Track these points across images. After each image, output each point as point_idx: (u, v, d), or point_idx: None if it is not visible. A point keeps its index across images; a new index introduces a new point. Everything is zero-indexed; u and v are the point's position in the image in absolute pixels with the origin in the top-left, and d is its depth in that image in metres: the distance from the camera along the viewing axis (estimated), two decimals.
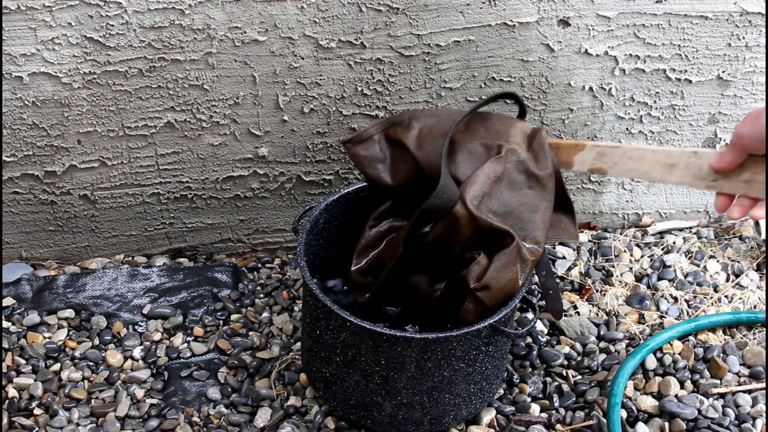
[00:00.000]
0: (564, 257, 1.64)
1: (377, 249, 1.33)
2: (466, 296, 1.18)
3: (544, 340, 1.47)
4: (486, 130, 1.26)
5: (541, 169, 1.24)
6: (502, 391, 1.38)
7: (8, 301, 1.49)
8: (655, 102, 1.54)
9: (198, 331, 1.47)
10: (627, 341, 1.46)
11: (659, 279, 1.59)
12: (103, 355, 1.42)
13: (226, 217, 1.60)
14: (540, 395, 1.38)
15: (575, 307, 1.53)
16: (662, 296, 1.55)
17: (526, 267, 1.18)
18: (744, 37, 1.48)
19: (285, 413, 1.32)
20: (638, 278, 1.60)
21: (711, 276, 1.60)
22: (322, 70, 1.41)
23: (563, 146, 1.27)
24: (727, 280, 1.60)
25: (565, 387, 1.38)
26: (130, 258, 1.62)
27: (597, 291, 1.56)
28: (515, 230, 1.18)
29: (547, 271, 1.25)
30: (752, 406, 1.33)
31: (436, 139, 1.26)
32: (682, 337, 1.45)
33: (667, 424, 1.30)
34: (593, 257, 1.65)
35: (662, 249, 1.66)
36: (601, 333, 1.48)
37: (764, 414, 1.31)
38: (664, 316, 1.51)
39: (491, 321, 1.14)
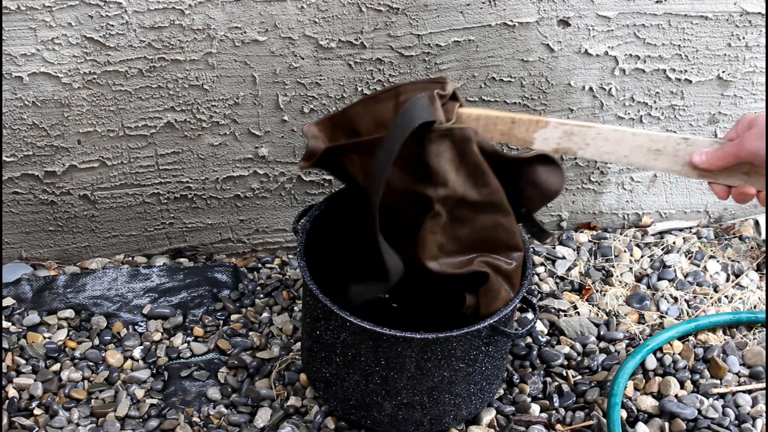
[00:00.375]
0: (564, 257, 1.64)
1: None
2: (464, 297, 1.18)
3: (544, 340, 1.46)
4: (413, 161, 1.10)
5: (483, 188, 1.10)
6: (502, 391, 1.38)
7: (8, 301, 1.49)
8: (655, 102, 1.54)
9: (198, 331, 1.47)
10: (627, 341, 1.46)
11: (659, 279, 1.59)
12: (103, 355, 1.42)
13: (226, 217, 1.59)
14: (540, 395, 1.38)
15: (575, 307, 1.53)
16: (662, 296, 1.55)
17: (512, 278, 1.17)
18: (744, 37, 1.48)
19: (285, 413, 1.32)
20: (638, 278, 1.60)
21: (711, 276, 1.60)
22: (322, 70, 1.41)
23: (520, 122, 1.09)
24: (727, 280, 1.60)
25: (565, 387, 1.38)
26: (130, 258, 1.62)
27: (597, 291, 1.56)
28: (483, 257, 1.15)
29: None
30: (752, 406, 1.33)
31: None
32: (682, 337, 1.45)
33: (667, 424, 1.30)
34: (593, 257, 1.65)
35: (662, 249, 1.66)
36: (601, 333, 1.48)
37: (764, 414, 1.31)
38: (664, 316, 1.51)
39: (491, 321, 1.14)
